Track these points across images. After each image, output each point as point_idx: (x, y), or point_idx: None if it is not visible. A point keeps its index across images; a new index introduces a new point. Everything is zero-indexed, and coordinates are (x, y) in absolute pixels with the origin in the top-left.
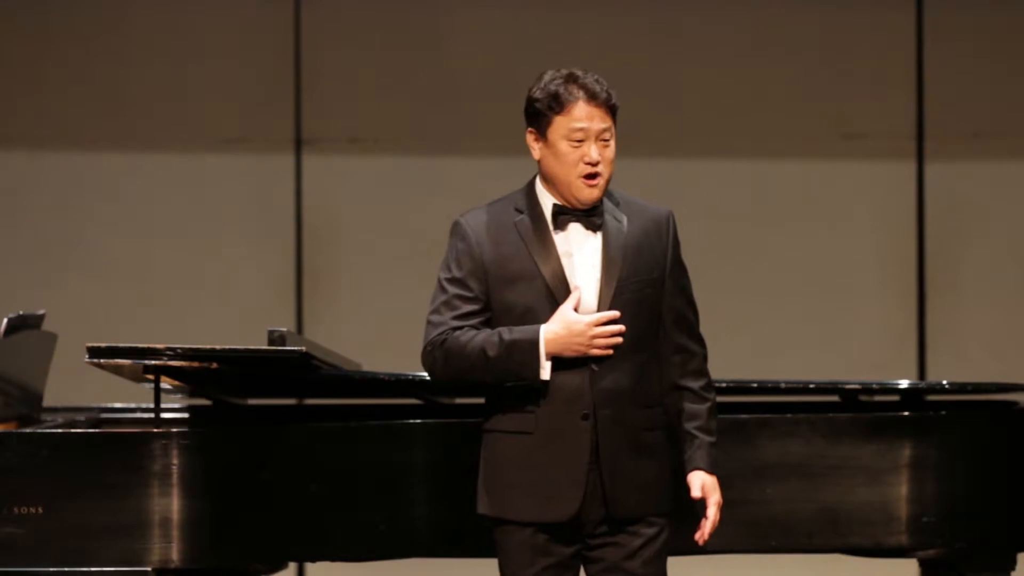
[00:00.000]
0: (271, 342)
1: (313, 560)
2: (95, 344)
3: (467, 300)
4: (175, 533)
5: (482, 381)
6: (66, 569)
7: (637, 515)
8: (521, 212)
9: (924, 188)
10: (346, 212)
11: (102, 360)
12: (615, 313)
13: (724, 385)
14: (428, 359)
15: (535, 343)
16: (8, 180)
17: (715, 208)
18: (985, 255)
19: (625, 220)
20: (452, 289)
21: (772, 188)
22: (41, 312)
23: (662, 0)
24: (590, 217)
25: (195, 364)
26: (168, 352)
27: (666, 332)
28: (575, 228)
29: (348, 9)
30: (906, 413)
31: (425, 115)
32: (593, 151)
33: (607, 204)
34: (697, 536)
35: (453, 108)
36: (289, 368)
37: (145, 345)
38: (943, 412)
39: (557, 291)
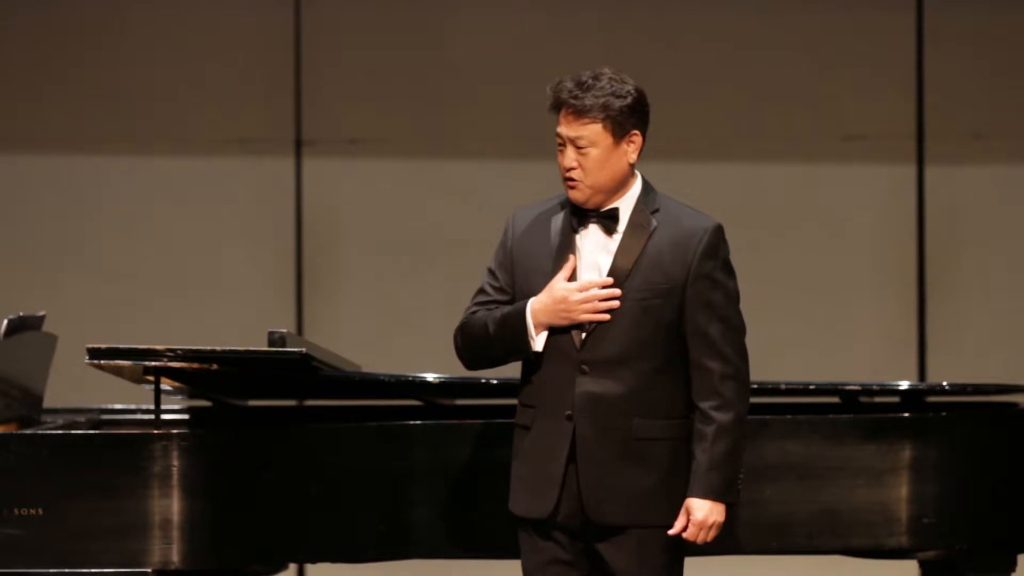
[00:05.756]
0: (271, 343)
1: (313, 561)
2: (95, 345)
3: (495, 289)
4: (175, 534)
5: (491, 358)
6: (66, 571)
7: (623, 523)
8: (564, 208)
9: (924, 189)
10: (346, 212)
11: (102, 361)
12: (607, 280)
13: None
14: (454, 343)
15: (523, 313)
16: (8, 180)
17: (715, 210)
18: (985, 257)
19: (654, 228)
20: (485, 277)
21: (772, 190)
22: (41, 313)
23: (662, 2)
24: (606, 220)
25: (195, 365)
26: (168, 353)
27: (688, 348)
28: (593, 229)
29: (348, 9)
30: (906, 414)
31: (425, 116)
32: (566, 158)
33: (637, 209)
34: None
35: (453, 109)
36: (289, 369)
37: (145, 346)
38: (943, 413)
39: None
